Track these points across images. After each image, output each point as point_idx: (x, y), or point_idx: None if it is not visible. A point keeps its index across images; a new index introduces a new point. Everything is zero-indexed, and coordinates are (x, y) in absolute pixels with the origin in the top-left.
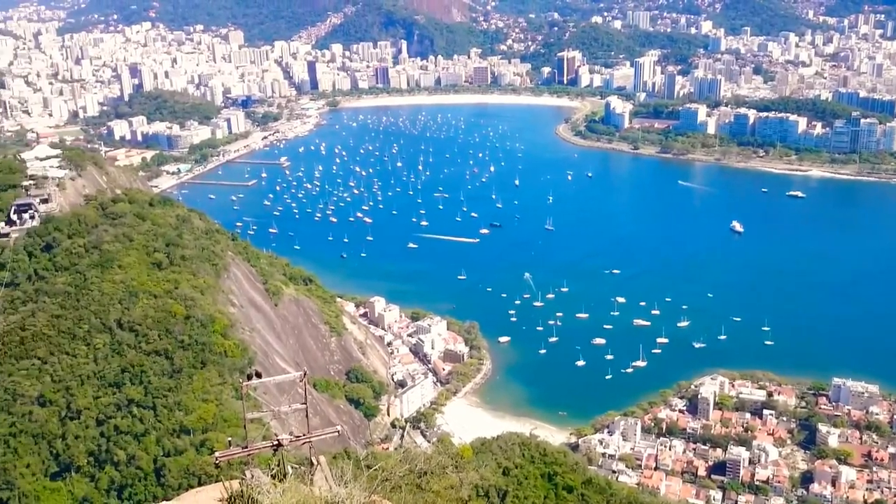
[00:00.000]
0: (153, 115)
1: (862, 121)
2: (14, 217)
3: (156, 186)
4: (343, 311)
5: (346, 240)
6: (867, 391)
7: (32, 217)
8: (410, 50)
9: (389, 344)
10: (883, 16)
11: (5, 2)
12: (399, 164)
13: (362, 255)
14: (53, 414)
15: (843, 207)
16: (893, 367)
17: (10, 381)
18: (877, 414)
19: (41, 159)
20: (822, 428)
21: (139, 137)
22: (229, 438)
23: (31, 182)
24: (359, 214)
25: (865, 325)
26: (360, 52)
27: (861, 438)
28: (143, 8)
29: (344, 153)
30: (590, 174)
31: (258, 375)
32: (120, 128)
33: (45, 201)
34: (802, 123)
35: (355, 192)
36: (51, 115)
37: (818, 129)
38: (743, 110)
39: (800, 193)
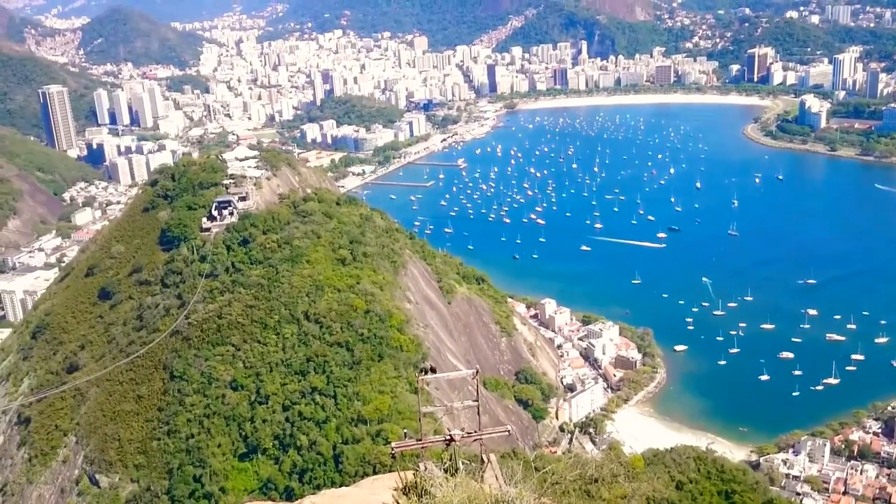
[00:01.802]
0: (342, 118)
1: None
2: (215, 213)
3: (342, 186)
4: (514, 311)
5: (518, 241)
6: None
7: (232, 213)
8: (591, 50)
9: (559, 346)
10: None
11: (211, 11)
12: (574, 166)
13: (534, 256)
14: (244, 398)
15: None
16: None
17: (207, 365)
18: None
19: (240, 160)
20: None
21: (329, 140)
22: (404, 430)
23: (231, 181)
24: (532, 216)
25: None
26: (540, 53)
27: None
28: (335, 16)
29: (519, 155)
30: (780, 177)
31: (432, 371)
32: (312, 131)
33: (243, 199)
34: None
35: (529, 193)
36: (249, 118)
37: None
38: None
39: None
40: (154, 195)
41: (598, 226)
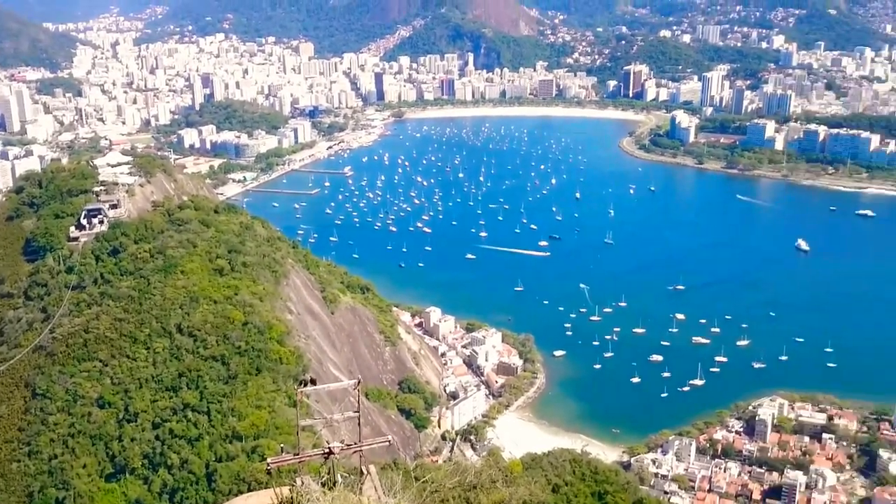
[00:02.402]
0: (222, 124)
1: None
2: (84, 222)
3: (221, 194)
4: (398, 320)
5: (404, 249)
6: None
7: (101, 222)
8: (477, 62)
9: (443, 355)
10: None
11: (86, 12)
12: (461, 175)
13: (420, 265)
14: (111, 416)
15: None
16: None
17: (72, 382)
18: None
19: (112, 166)
20: (884, 454)
21: (208, 146)
22: (281, 445)
23: (102, 188)
24: (419, 224)
25: None
26: (427, 64)
27: None
28: (217, 20)
29: (406, 163)
30: (653, 188)
31: (312, 383)
32: (190, 136)
33: (114, 207)
34: (875, 140)
35: (416, 202)
36: (124, 122)
37: (891, 146)
38: (813, 126)
39: (870, 212)
40: (19, 203)
41: (483, 234)
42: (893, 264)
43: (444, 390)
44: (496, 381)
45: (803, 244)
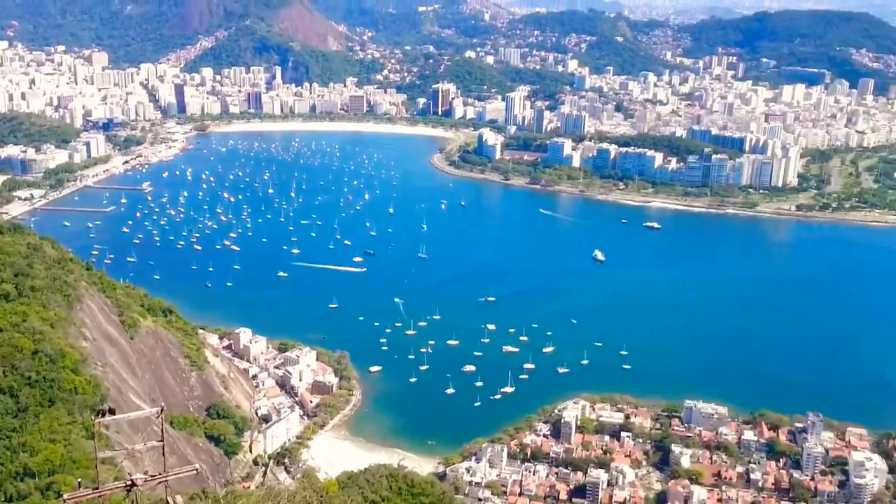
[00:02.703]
0: (6, 137)
1: (713, 157)
2: None
3: (6, 213)
4: (205, 343)
5: (211, 269)
6: (716, 412)
7: None
8: (285, 76)
9: (255, 377)
10: (735, 58)
11: None
12: (271, 191)
13: (228, 284)
14: None
15: (696, 238)
16: (740, 389)
17: None
18: (725, 434)
19: None
20: (675, 449)
21: None
22: (79, 480)
23: None
24: (226, 242)
25: (715, 348)
26: (232, 76)
27: (711, 458)
28: (0, 27)
29: (212, 179)
30: (463, 203)
31: (111, 412)
32: None
33: None
34: (659, 158)
35: (223, 219)
36: None
37: (673, 163)
38: (605, 145)
39: (656, 224)
40: None
41: (295, 251)
42: (678, 272)
43: (256, 413)
44: (311, 401)
45: (599, 255)
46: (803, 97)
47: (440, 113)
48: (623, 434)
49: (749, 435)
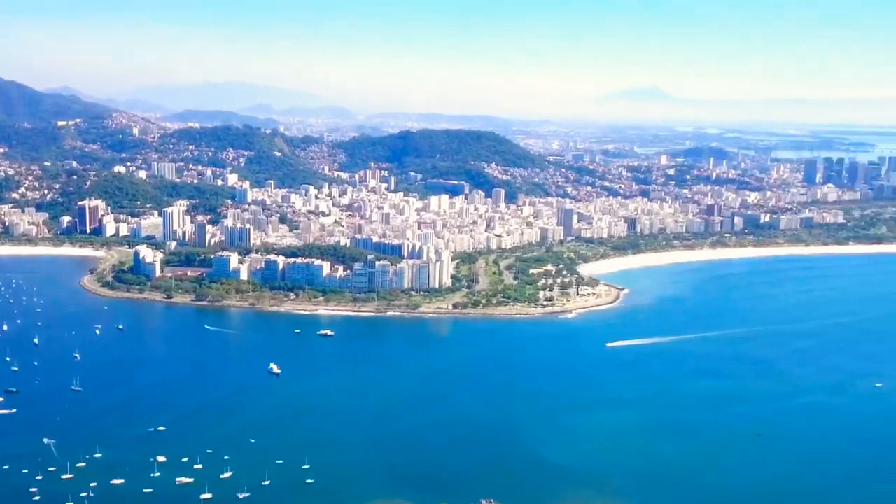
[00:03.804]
0: None
1: (377, 263)
2: None
3: None
4: None
5: None
6: None
7: None
8: None
9: None
10: (386, 171)
11: None
12: None
13: None
14: None
15: (368, 341)
16: (423, 484)
17: None
18: None
19: None
20: None
21: None
22: None
23: None
24: None
25: (396, 449)
26: None
27: None
28: None
29: None
30: (121, 327)
31: None
32: None
33: None
34: (326, 267)
35: None
36: None
37: (340, 271)
38: (272, 257)
39: (329, 332)
40: None
41: None
42: (354, 377)
43: None
44: None
45: (275, 368)
46: (448, 206)
47: (88, 231)
48: None
49: None
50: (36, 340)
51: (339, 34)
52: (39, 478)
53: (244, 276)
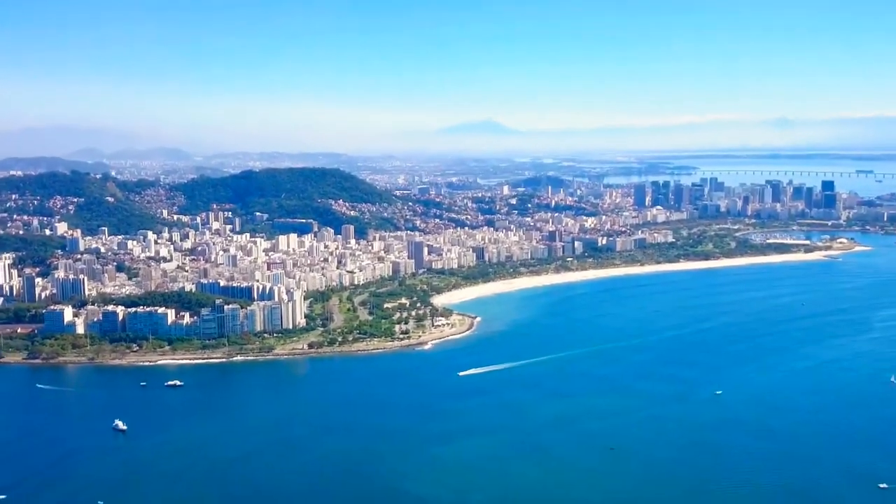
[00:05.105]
0: None
1: (226, 307)
2: None
3: None
4: None
5: None
6: None
7: None
8: None
9: None
10: (230, 213)
11: None
12: None
13: None
14: None
15: (221, 389)
16: None
17: None
18: None
19: None
20: None
21: None
22: None
23: None
24: None
25: (259, 499)
26: None
27: None
28: None
29: None
30: None
31: None
32: None
33: None
34: (171, 315)
35: None
36: None
37: (187, 318)
38: (111, 307)
39: (178, 382)
40: None
41: None
42: (207, 428)
43: None
44: None
45: (121, 424)
46: (297, 245)
47: None
48: None
49: None
50: None
51: (170, 73)
52: None
53: (80, 329)
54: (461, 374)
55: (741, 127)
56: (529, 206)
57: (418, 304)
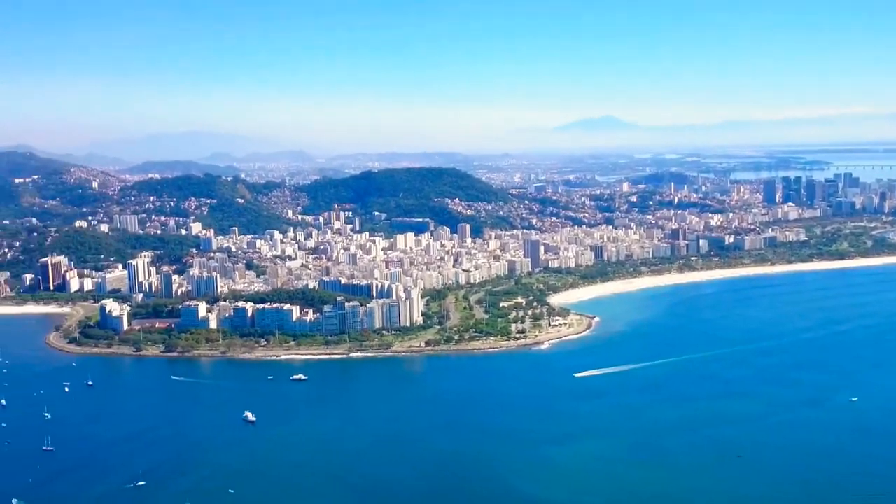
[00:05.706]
0: None
1: (346, 304)
2: None
3: None
4: None
5: None
6: None
7: None
8: None
9: None
10: (350, 212)
11: None
12: None
13: None
14: None
15: (342, 384)
16: None
17: None
18: None
19: None
20: None
21: None
22: None
23: None
24: None
25: (378, 491)
26: None
27: None
28: None
29: None
30: (90, 382)
31: None
32: None
33: None
34: (296, 311)
35: None
36: None
37: (310, 315)
38: (241, 304)
39: (303, 376)
40: None
41: None
42: (330, 421)
43: None
44: None
45: (250, 415)
46: (414, 244)
47: (52, 288)
48: None
49: None
50: (3, 402)
51: (295, 79)
52: None
53: (213, 324)
54: (578, 375)
55: (876, 120)
56: (651, 203)
57: (535, 304)
